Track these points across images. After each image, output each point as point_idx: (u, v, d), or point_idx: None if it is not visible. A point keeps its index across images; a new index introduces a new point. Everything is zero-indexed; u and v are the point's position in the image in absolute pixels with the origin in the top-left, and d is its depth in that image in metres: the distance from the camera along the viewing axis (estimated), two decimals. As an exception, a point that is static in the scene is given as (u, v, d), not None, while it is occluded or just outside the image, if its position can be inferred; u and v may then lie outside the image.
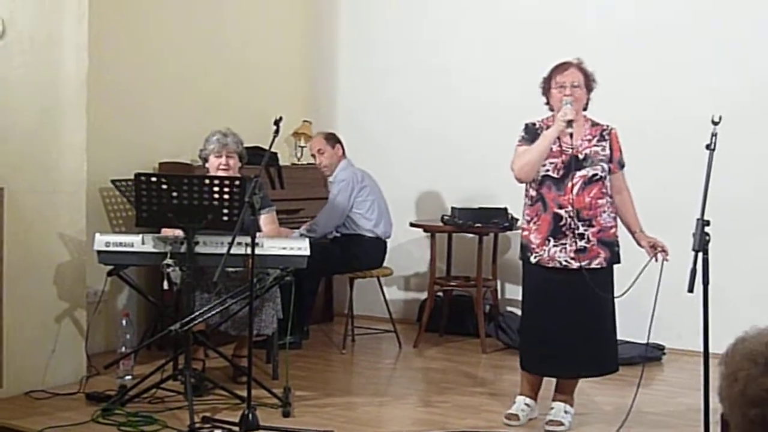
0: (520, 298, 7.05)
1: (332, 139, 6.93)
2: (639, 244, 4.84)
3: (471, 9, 7.54)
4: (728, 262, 5.47)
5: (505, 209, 6.66)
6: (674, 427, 4.93)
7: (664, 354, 6.48)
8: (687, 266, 3.83)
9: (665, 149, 6.60)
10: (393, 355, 6.72)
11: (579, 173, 4.73)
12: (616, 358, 4.98)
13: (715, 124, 4.02)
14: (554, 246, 4.78)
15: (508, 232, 6.92)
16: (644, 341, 6.39)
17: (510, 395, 5.49)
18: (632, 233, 4.87)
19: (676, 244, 4.69)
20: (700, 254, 3.87)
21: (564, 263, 4.77)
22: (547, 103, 4.88)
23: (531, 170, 4.79)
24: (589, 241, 4.74)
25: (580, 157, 4.75)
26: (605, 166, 4.77)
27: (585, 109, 4.89)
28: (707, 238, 3.87)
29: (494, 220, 6.71)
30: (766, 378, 1.54)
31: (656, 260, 4.73)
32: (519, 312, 7.13)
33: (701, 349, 3.83)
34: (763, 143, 6.39)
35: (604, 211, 4.77)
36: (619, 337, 5.05)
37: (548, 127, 4.81)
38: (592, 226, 4.74)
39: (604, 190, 4.77)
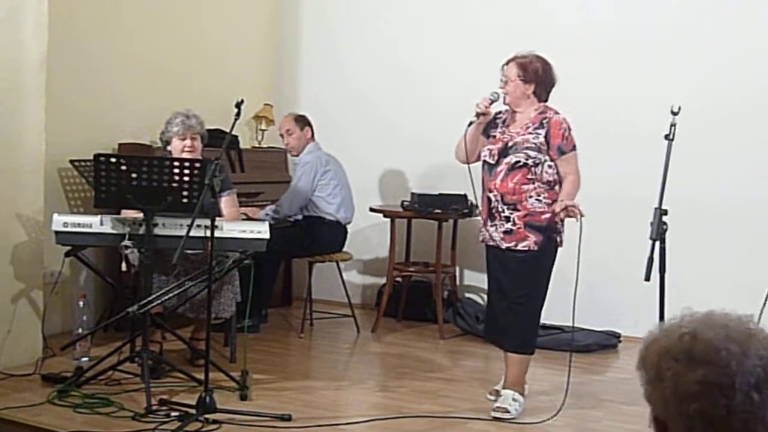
0: (478, 284, 7.18)
1: (302, 121, 6.92)
2: None
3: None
4: (685, 251, 5.53)
5: (465, 196, 6.66)
6: (629, 414, 4.97)
7: (620, 341, 6.54)
8: (644, 254, 3.87)
9: (624, 139, 6.64)
10: (351, 339, 6.72)
11: (505, 160, 4.88)
12: (526, 338, 4.99)
13: (675, 114, 4.07)
14: (490, 226, 4.97)
15: (468, 219, 6.93)
16: (600, 329, 6.49)
17: (467, 381, 5.55)
18: None
19: (634, 232, 4.73)
20: (658, 243, 3.91)
21: (496, 242, 4.95)
22: None
23: (460, 155, 5.03)
24: (515, 224, 4.86)
25: (510, 144, 4.89)
26: (533, 153, 4.83)
27: (543, 100, 4.94)
28: (665, 227, 3.91)
29: (454, 206, 6.72)
30: (692, 372, 1.53)
31: (567, 216, 4.78)
32: (477, 298, 7.25)
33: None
34: (722, 133, 6.44)
35: (531, 196, 4.84)
36: (577, 325, 5.10)
37: (506, 117, 5.03)
38: (518, 210, 4.85)
39: (530, 176, 4.84)
